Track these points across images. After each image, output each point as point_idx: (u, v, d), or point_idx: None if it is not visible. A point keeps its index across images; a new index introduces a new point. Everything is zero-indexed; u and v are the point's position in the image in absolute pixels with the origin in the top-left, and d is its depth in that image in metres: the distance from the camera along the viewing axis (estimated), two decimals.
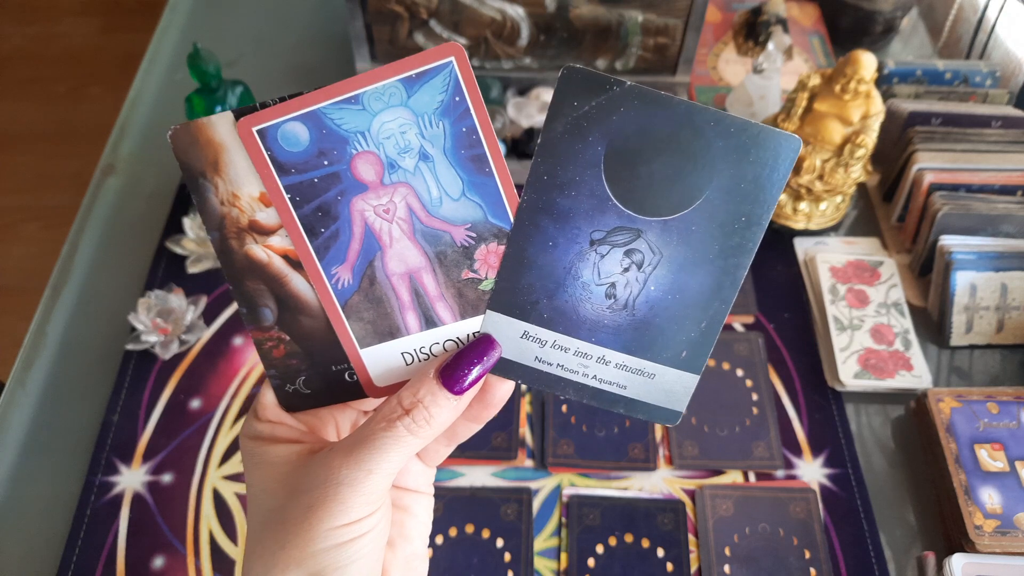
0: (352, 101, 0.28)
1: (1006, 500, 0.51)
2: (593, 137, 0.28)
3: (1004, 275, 0.62)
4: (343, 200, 0.29)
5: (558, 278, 0.30)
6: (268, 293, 0.31)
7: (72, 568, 0.52)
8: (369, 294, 0.31)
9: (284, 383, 0.32)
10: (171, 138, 0.29)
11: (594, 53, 0.73)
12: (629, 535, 0.53)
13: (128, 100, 0.80)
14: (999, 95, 0.72)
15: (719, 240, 0.29)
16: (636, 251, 0.30)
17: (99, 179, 0.74)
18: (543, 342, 0.31)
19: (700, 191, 0.29)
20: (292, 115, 0.28)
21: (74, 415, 0.59)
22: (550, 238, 0.30)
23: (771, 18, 0.79)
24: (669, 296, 0.30)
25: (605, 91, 0.27)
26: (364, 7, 0.70)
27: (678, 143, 0.28)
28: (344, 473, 0.28)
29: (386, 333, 0.31)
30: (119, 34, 1.93)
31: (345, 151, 0.29)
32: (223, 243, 0.30)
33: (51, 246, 1.48)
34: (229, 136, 0.29)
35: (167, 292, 0.61)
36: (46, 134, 1.73)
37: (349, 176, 0.29)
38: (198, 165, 0.29)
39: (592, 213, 0.29)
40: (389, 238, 0.30)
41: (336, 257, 0.30)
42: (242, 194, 0.29)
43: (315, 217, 0.30)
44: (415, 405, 0.29)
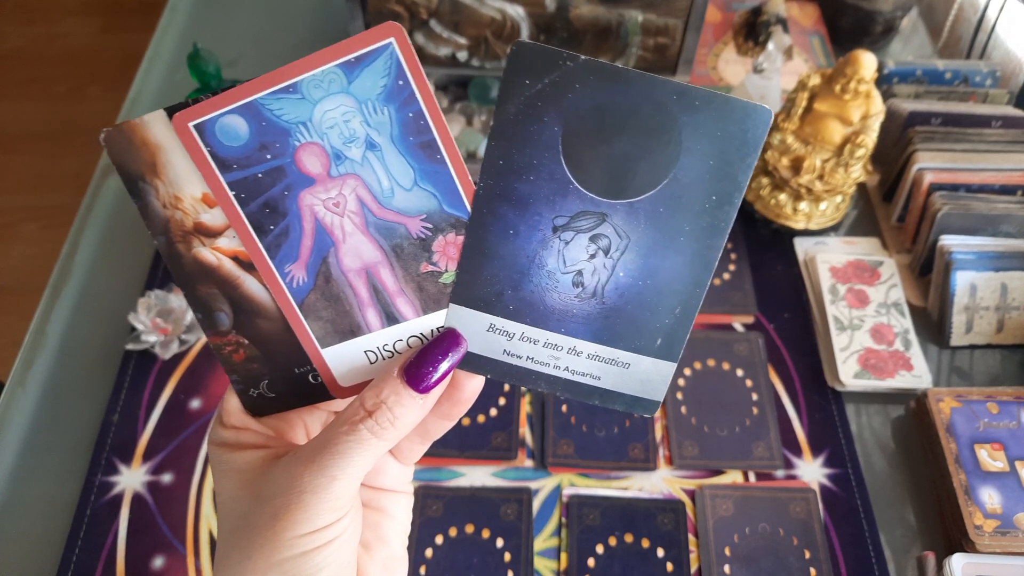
0: (290, 90, 0.26)
1: (1006, 500, 0.51)
2: (548, 117, 0.26)
3: (1004, 275, 0.62)
4: (290, 195, 0.28)
5: (522, 267, 0.29)
6: (221, 297, 0.30)
7: (72, 568, 0.52)
8: (326, 292, 0.30)
9: (247, 388, 0.31)
10: (104, 141, 0.27)
11: (594, 53, 0.73)
12: (629, 535, 0.53)
13: (128, 100, 0.80)
14: (999, 95, 0.72)
15: (689, 221, 0.28)
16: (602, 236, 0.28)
17: (99, 179, 0.73)
18: (511, 335, 0.30)
19: (666, 170, 0.27)
20: (229, 107, 0.27)
21: (74, 415, 0.59)
22: (510, 226, 0.28)
23: (771, 18, 0.79)
24: (640, 282, 0.29)
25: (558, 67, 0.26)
26: (364, 7, 0.70)
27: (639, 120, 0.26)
28: (307, 480, 0.27)
29: (347, 332, 0.30)
30: (119, 34, 1.93)
31: (288, 143, 0.27)
32: (170, 248, 0.29)
33: (51, 246, 1.48)
34: (165, 135, 0.27)
35: (167, 292, 0.61)
36: (46, 134, 1.73)
37: (294, 169, 0.28)
38: (136, 167, 0.28)
39: (553, 198, 0.28)
40: (342, 232, 0.29)
41: (288, 255, 0.29)
42: (184, 196, 0.28)
43: (263, 214, 0.28)
44: (378, 407, 0.28)
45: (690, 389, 0.60)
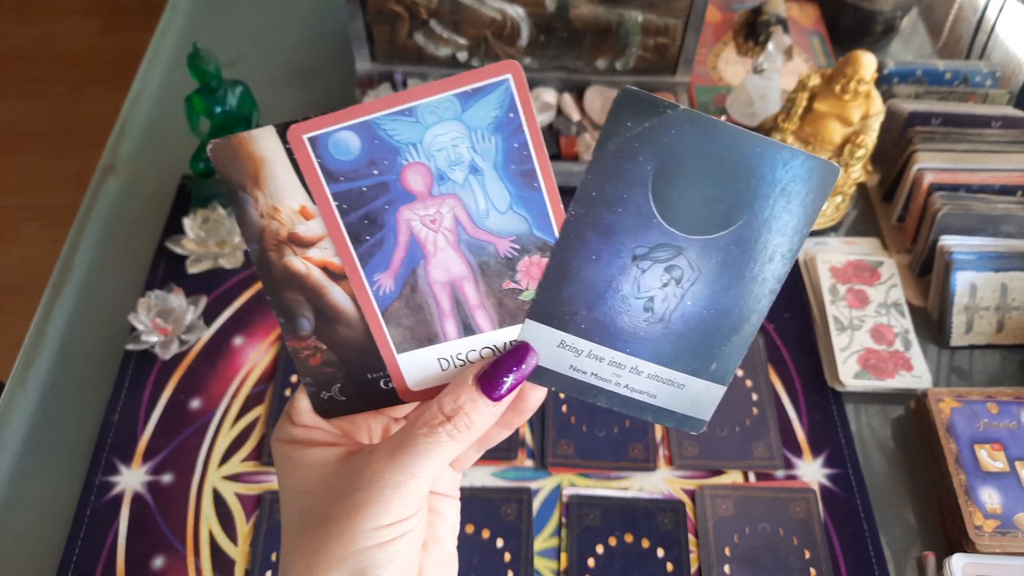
0: (406, 113, 0.28)
1: (1006, 500, 0.51)
2: (643, 157, 0.29)
3: (1004, 275, 0.62)
4: (390, 209, 0.30)
5: (599, 291, 0.31)
6: (306, 304, 0.31)
7: (72, 568, 0.52)
8: (410, 301, 0.31)
9: (320, 390, 0.33)
10: (211, 152, 0.29)
11: (594, 53, 0.73)
12: (629, 535, 0.53)
13: (128, 100, 0.80)
14: (999, 95, 0.72)
15: (755, 261, 0.30)
16: (676, 267, 0.31)
17: (99, 179, 0.73)
18: (579, 351, 0.32)
19: (742, 213, 0.30)
20: (345, 124, 0.29)
21: (74, 415, 0.59)
22: (594, 252, 0.30)
23: (771, 18, 0.79)
24: (704, 312, 0.31)
25: (659, 113, 0.28)
26: (364, 7, 0.70)
27: (725, 166, 0.29)
28: (388, 476, 0.29)
29: (424, 339, 0.32)
30: (119, 34, 1.93)
31: (396, 162, 0.29)
32: (262, 255, 0.31)
33: (51, 246, 1.48)
34: (270, 150, 0.29)
35: (167, 292, 0.61)
36: (46, 134, 1.73)
37: (398, 186, 0.29)
38: (238, 178, 0.29)
39: (636, 230, 0.30)
40: (434, 247, 0.31)
41: (379, 264, 0.31)
42: (282, 207, 0.30)
43: (361, 225, 0.30)
44: (456, 412, 0.30)
45: None
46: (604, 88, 0.74)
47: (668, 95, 0.74)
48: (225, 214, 0.66)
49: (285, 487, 0.32)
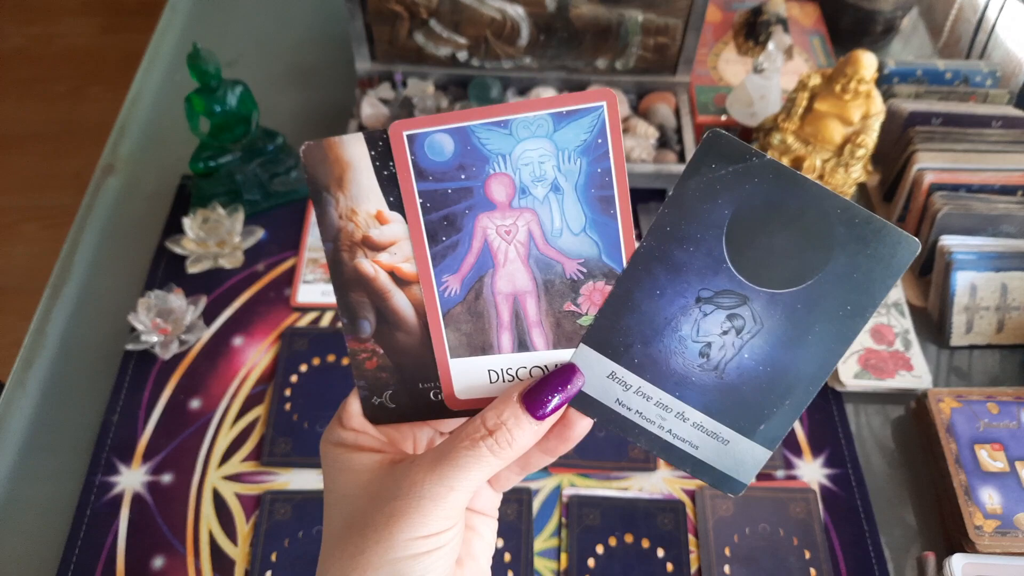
0: (502, 125, 0.30)
1: (1006, 500, 0.51)
2: (723, 200, 0.29)
3: (1004, 275, 0.62)
4: (470, 215, 0.31)
5: (657, 327, 0.31)
6: (370, 306, 0.32)
7: (72, 568, 0.52)
8: (472, 307, 0.32)
9: (371, 395, 0.33)
10: (304, 153, 0.30)
11: (594, 53, 0.72)
12: (629, 535, 0.53)
13: (128, 100, 0.80)
14: (999, 95, 0.72)
15: (821, 323, 0.30)
16: (739, 316, 0.30)
17: (99, 179, 0.73)
18: (628, 386, 0.32)
19: (814, 272, 0.29)
20: (443, 127, 0.30)
21: (74, 415, 0.59)
22: (659, 287, 0.30)
23: (771, 18, 0.79)
24: (760, 367, 0.30)
25: (744, 160, 0.29)
26: (364, 7, 0.70)
27: (803, 221, 0.29)
28: (427, 487, 0.29)
29: (479, 348, 0.32)
30: (119, 34, 1.93)
31: (483, 169, 0.30)
32: (335, 254, 0.32)
33: (51, 246, 1.47)
34: (356, 155, 0.30)
35: (167, 292, 0.61)
36: (46, 134, 1.73)
37: (481, 193, 0.30)
38: (324, 179, 0.31)
39: (705, 271, 0.30)
40: (504, 258, 0.31)
41: (450, 266, 0.31)
42: (360, 210, 0.31)
43: (440, 225, 0.31)
44: (499, 427, 0.30)
45: None
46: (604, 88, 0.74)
47: (668, 95, 0.74)
48: (225, 214, 0.66)
49: (330, 490, 0.32)
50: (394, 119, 0.72)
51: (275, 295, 0.65)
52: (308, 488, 0.55)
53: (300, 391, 0.59)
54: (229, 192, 0.68)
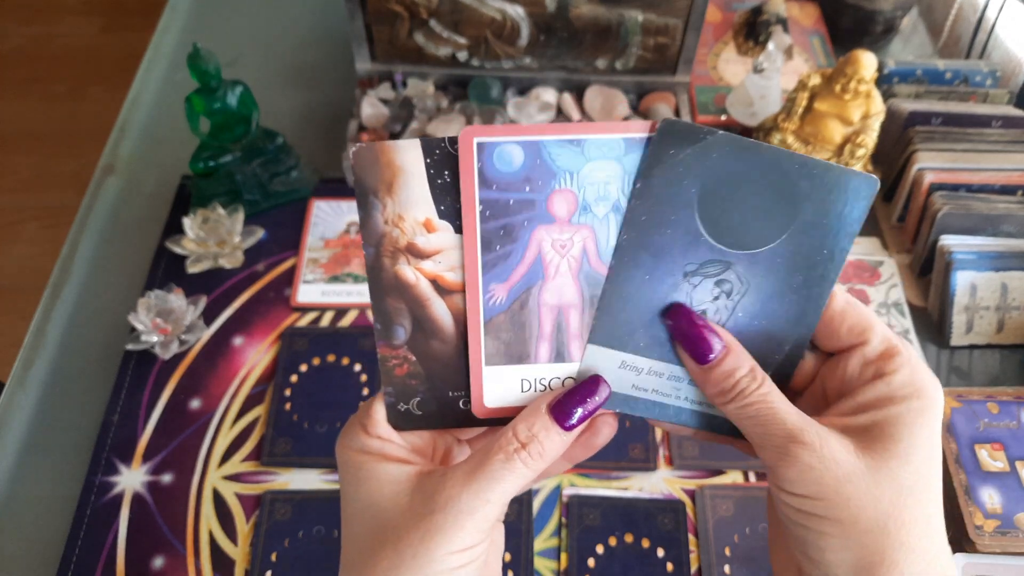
0: (575, 143, 0.30)
1: (1006, 500, 0.51)
2: (688, 181, 0.30)
3: (1004, 275, 0.62)
4: (528, 226, 0.31)
5: (654, 308, 0.32)
6: (406, 313, 0.32)
7: (72, 568, 0.52)
8: (515, 317, 0.32)
9: (398, 402, 0.33)
10: (354, 155, 0.30)
11: (594, 53, 0.72)
12: (629, 535, 0.53)
13: (128, 100, 0.80)
14: (999, 95, 0.72)
15: (802, 271, 0.32)
16: (726, 281, 0.32)
17: (99, 179, 0.73)
18: (639, 370, 0.33)
19: (785, 227, 0.31)
20: (516, 138, 0.30)
21: (74, 415, 0.59)
22: (647, 272, 0.32)
23: (771, 18, 0.79)
24: (756, 322, 0.32)
25: (700, 139, 0.30)
26: (364, 7, 0.70)
27: (765, 184, 0.30)
28: (464, 501, 0.29)
29: (516, 357, 0.33)
30: (119, 34, 1.93)
31: (549, 184, 0.31)
32: (376, 259, 0.32)
33: (51, 246, 1.48)
34: (410, 161, 0.30)
35: (167, 292, 0.61)
36: (46, 134, 1.73)
37: (543, 207, 0.31)
38: (373, 183, 0.31)
39: (686, 248, 0.31)
40: (555, 271, 0.32)
41: (499, 275, 0.32)
42: (408, 217, 0.31)
43: (496, 234, 0.31)
44: (531, 439, 0.30)
45: None
46: (604, 88, 0.74)
47: (668, 95, 0.74)
48: (225, 214, 0.66)
49: (353, 498, 0.32)
50: (394, 119, 0.72)
51: (275, 295, 0.65)
52: (308, 488, 0.55)
53: (300, 391, 0.59)
54: (229, 192, 0.68)
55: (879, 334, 0.31)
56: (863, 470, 0.28)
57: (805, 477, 0.28)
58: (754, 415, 0.30)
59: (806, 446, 0.28)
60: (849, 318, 0.32)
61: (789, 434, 0.29)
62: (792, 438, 0.29)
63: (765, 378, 0.31)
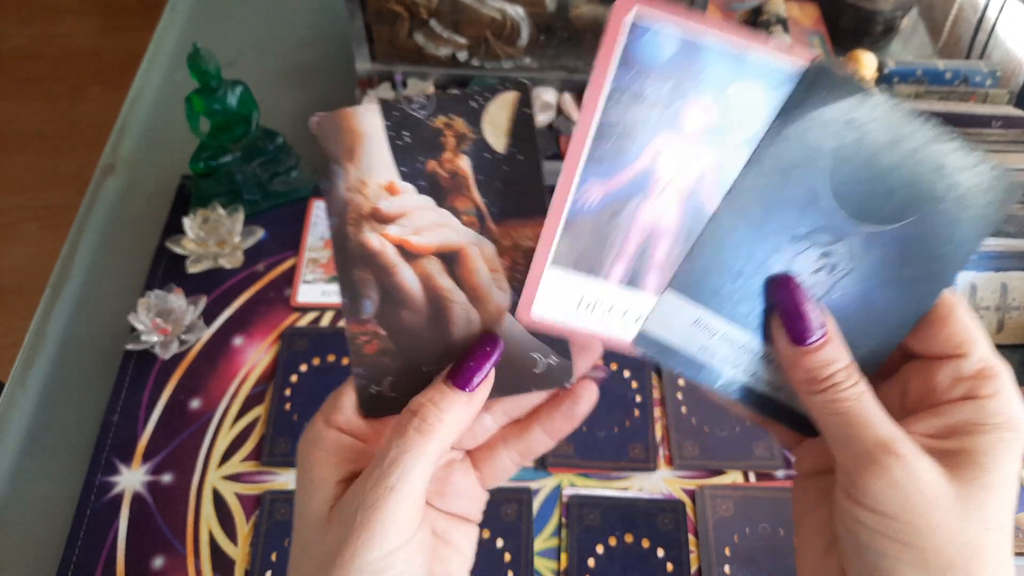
0: (735, 57, 0.27)
1: None
2: (827, 134, 0.27)
3: (1004, 275, 0.62)
4: (651, 129, 0.28)
5: (749, 268, 0.29)
6: (374, 284, 0.31)
7: (72, 568, 0.52)
8: (600, 225, 0.29)
9: (369, 383, 0.31)
10: (316, 123, 0.29)
11: (594, 53, 0.72)
12: (629, 535, 0.53)
13: (128, 100, 0.80)
14: (999, 95, 0.72)
15: (917, 265, 0.28)
16: (833, 254, 0.29)
17: (99, 179, 0.73)
18: (713, 332, 0.30)
19: (916, 209, 0.28)
20: (676, 28, 0.27)
21: (74, 415, 0.59)
22: (754, 226, 0.28)
23: (771, 18, 0.79)
24: (851, 306, 0.29)
25: (854, 93, 0.27)
26: (364, 7, 0.70)
27: (911, 159, 0.27)
28: (369, 497, 0.27)
29: (585, 267, 0.30)
30: (119, 34, 1.93)
31: (691, 93, 0.27)
32: (340, 229, 0.30)
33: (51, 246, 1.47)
34: (370, 125, 0.30)
35: (167, 292, 0.61)
36: (46, 134, 1.73)
37: (674, 115, 0.28)
38: (335, 151, 0.30)
39: (803, 209, 0.28)
40: (661, 189, 0.28)
41: (602, 172, 0.28)
42: (370, 182, 0.30)
43: (614, 127, 0.28)
44: (422, 405, 0.28)
45: (690, 389, 0.60)
46: None
47: None
48: (225, 214, 0.66)
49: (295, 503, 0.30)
50: None
51: (275, 295, 0.65)
52: None
53: (300, 391, 0.59)
54: (229, 192, 0.68)
55: (979, 351, 0.28)
56: (952, 498, 0.26)
57: (891, 494, 0.26)
58: (844, 413, 0.27)
59: (899, 457, 0.26)
60: (951, 325, 0.28)
61: (880, 441, 0.26)
62: (884, 446, 0.26)
63: (862, 380, 0.28)
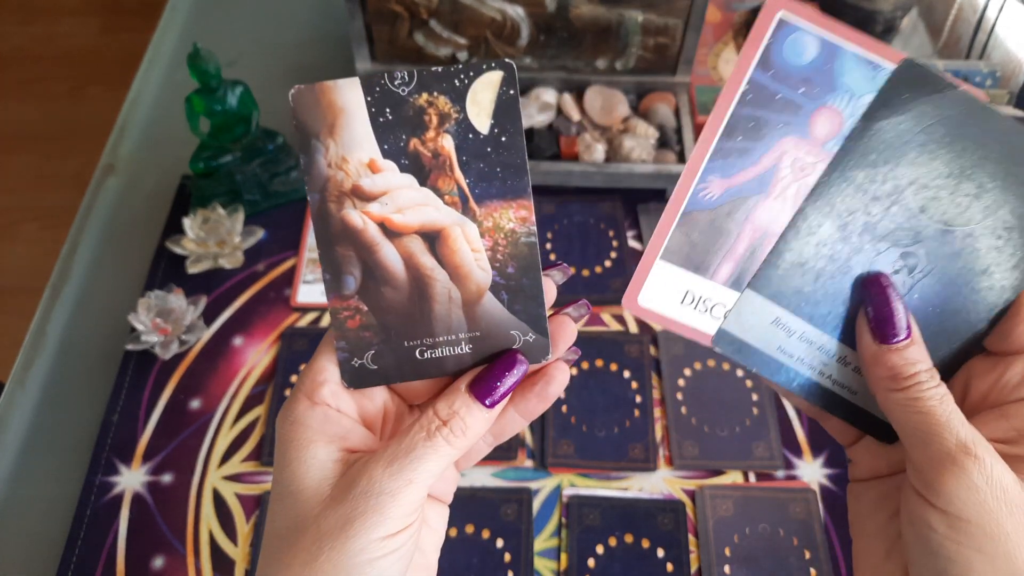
0: (872, 66, 0.28)
1: None
2: (911, 132, 0.28)
3: None
4: (779, 131, 0.28)
5: (829, 268, 0.29)
6: (356, 261, 0.31)
7: (72, 568, 0.52)
8: (716, 222, 0.29)
9: (352, 356, 0.32)
10: (293, 97, 0.29)
11: (594, 53, 0.73)
12: (629, 535, 0.53)
13: (128, 100, 0.80)
14: (999, 95, 0.72)
15: (998, 266, 0.28)
16: (912, 255, 0.29)
17: (99, 179, 0.74)
18: (791, 332, 0.30)
19: (996, 210, 0.28)
20: (821, 32, 0.28)
21: (74, 415, 0.59)
22: (836, 225, 0.29)
23: None
24: (930, 308, 0.29)
25: (938, 90, 0.27)
26: (364, 7, 0.70)
27: (992, 157, 0.28)
28: (385, 483, 0.28)
29: (694, 264, 0.30)
30: (119, 34, 1.93)
31: (823, 97, 0.28)
32: (321, 205, 0.30)
33: (51, 246, 1.48)
34: (351, 101, 0.29)
35: (167, 292, 0.61)
36: (46, 134, 1.73)
37: (805, 117, 0.28)
38: (314, 126, 0.30)
39: (888, 206, 0.28)
40: (781, 190, 0.29)
41: (724, 168, 0.29)
42: (351, 158, 0.30)
43: (744, 124, 0.29)
44: (452, 416, 0.29)
45: (690, 389, 0.60)
46: (604, 88, 0.74)
47: (668, 95, 0.74)
48: (225, 214, 0.66)
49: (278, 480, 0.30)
50: None
51: (275, 295, 0.65)
52: None
53: None
54: (229, 192, 0.68)
55: None
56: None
57: (968, 497, 0.26)
58: (925, 412, 0.27)
59: (978, 460, 0.26)
60: None
61: (959, 443, 0.26)
62: (963, 447, 0.26)
63: (943, 384, 0.28)
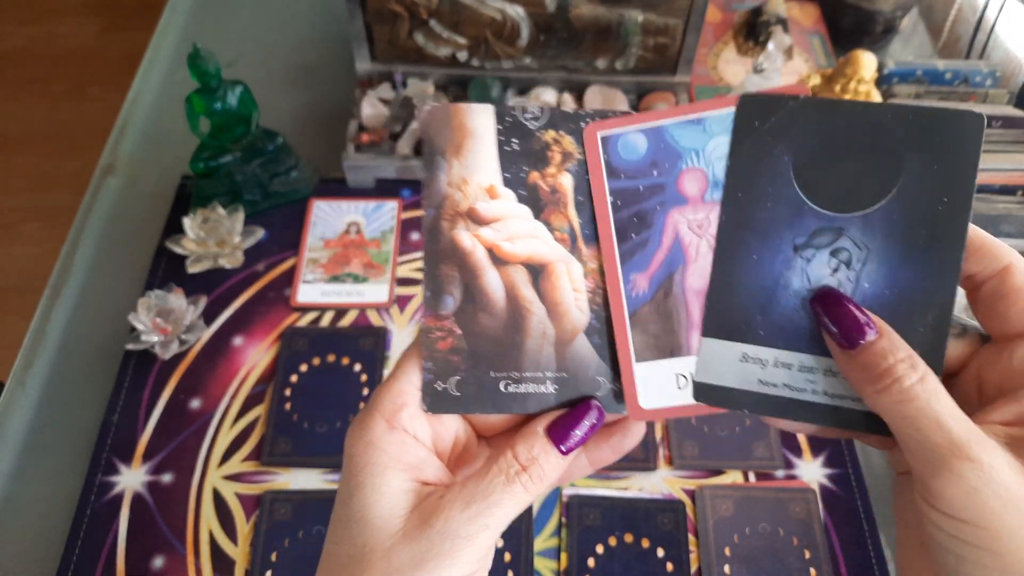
0: (696, 122, 0.30)
1: None
2: (777, 149, 0.29)
3: None
4: (661, 211, 0.31)
5: (768, 291, 0.30)
6: (458, 281, 0.31)
7: (72, 568, 0.52)
8: (661, 307, 0.31)
9: (436, 379, 0.31)
10: (428, 113, 0.30)
11: (594, 53, 0.73)
12: (629, 535, 0.53)
13: (128, 100, 0.80)
14: (999, 95, 0.72)
15: (926, 226, 0.28)
16: (842, 250, 0.29)
17: (99, 179, 0.73)
18: (764, 362, 0.30)
19: (893, 181, 0.29)
20: (638, 126, 0.31)
21: (74, 415, 0.59)
22: (753, 252, 0.30)
23: (771, 18, 0.79)
24: (886, 291, 0.29)
25: (782, 107, 0.29)
26: (364, 7, 0.70)
27: (860, 141, 0.29)
28: (462, 526, 0.28)
29: (667, 350, 0.31)
30: (119, 34, 1.93)
31: (676, 165, 0.30)
32: (435, 222, 0.31)
33: (51, 246, 1.47)
34: (482, 126, 0.30)
35: (167, 292, 0.61)
36: (46, 134, 1.73)
37: (673, 189, 0.31)
38: (441, 144, 0.31)
39: (791, 220, 0.29)
40: (695, 253, 0.31)
41: (639, 265, 0.31)
42: (472, 181, 0.31)
43: (630, 222, 0.31)
44: (532, 462, 0.29)
45: None
46: (604, 88, 0.74)
47: (669, 95, 0.74)
48: (225, 214, 0.66)
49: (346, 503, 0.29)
50: (394, 119, 0.72)
51: (275, 295, 0.65)
52: (308, 488, 0.55)
53: (300, 391, 0.59)
54: (229, 192, 0.68)
55: None
56: None
57: (967, 500, 0.24)
58: (912, 415, 0.25)
59: (972, 463, 0.24)
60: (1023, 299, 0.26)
61: (952, 445, 0.24)
62: (956, 451, 0.24)
63: (928, 372, 0.26)
